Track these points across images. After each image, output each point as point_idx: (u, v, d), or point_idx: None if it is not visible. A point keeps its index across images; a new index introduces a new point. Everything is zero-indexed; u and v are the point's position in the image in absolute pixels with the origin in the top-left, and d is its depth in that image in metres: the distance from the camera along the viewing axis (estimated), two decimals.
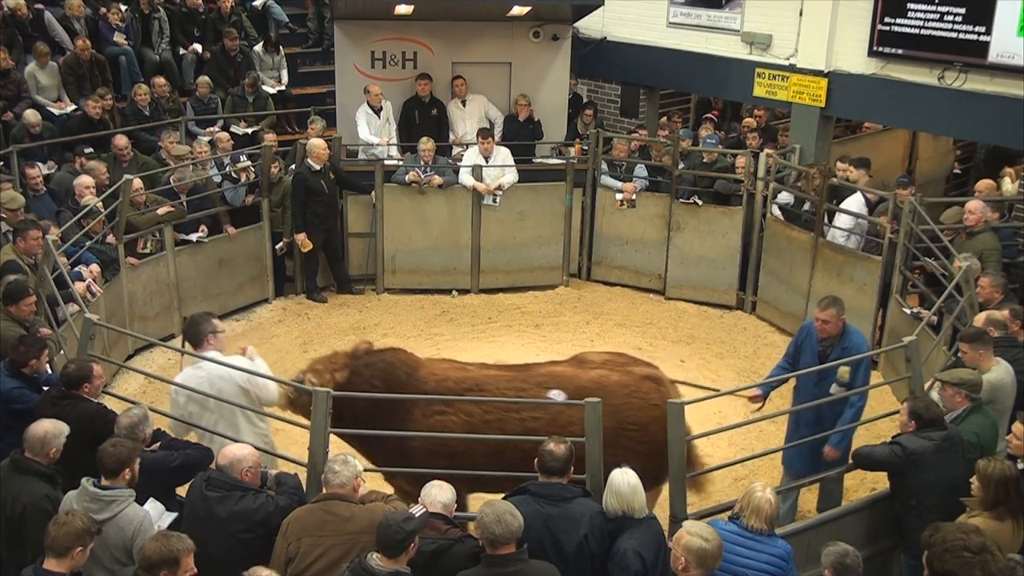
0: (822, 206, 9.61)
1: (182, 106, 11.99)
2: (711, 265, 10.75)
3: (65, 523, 4.26)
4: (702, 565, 4.33)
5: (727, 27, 11.60)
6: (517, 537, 4.35)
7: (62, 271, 7.59)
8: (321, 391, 5.29)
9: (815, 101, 10.76)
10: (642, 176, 11.11)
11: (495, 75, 11.78)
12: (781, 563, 4.63)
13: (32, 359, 5.96)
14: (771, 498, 4.70)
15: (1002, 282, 7.32)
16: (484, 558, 4.37)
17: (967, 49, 9.45)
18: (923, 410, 5.47)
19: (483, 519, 4.34)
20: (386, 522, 4.28)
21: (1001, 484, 4.84)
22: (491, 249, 11.02)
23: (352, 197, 10.76)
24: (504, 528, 4.30)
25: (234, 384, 5.79)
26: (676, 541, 4.40)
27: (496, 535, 4.30)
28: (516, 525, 4.34)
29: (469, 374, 6.19)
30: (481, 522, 4.35)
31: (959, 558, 4.09)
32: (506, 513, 4.34)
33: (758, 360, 9.67)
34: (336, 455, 4.90)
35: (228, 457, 4.92)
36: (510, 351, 9.63)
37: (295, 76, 13.49)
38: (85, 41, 11.36)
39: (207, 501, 4.80)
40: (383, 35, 11.41)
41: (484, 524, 4.33)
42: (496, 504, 4.44)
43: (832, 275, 9.58)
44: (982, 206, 8.49)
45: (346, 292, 10.92)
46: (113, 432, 5.21)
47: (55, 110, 10.95)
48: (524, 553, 4.38)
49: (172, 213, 9.62)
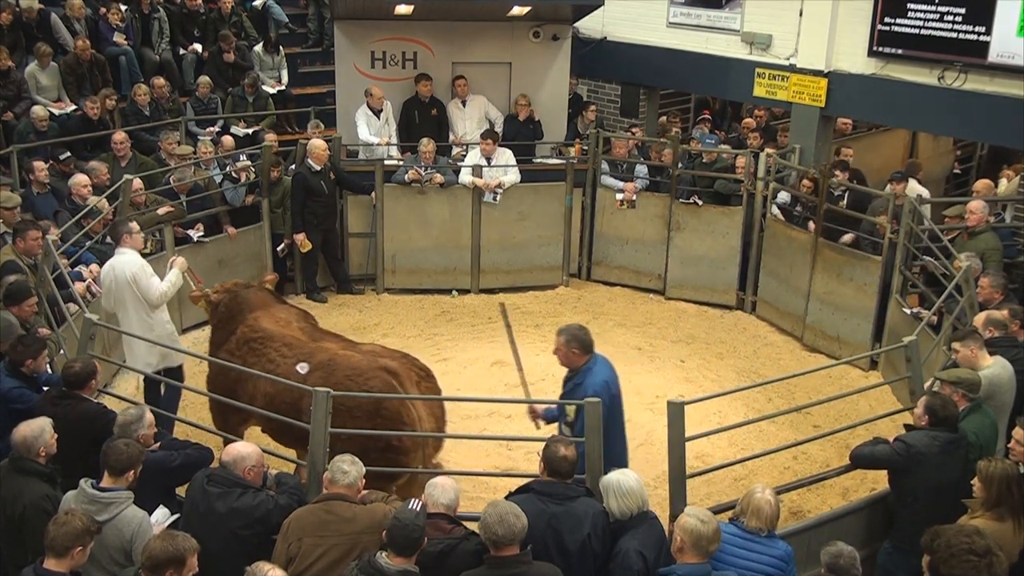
0: (821, 207, 9.60)
1: (182, 106, 12.00)
2: (711, 265, 10.75)
3: (65, 523, 4.26)
4: (697, 546, 4.36)
5: (727, 27, 11.60)
6: (520, 539, 4.31)
7: (62, 271, 7.59)
8: (321, 391, 5.31)
9: (815, 101, 10.75)
10: (642, 176, 11.12)
11: (495, 75, 11.78)
12: (782, 564, 4.64)
13: (30, 359, 5.96)
14: (771, 499, 4.71)
15: (1002, 282, 7.33)
16: (487, 559, 4.34)
17: (967, 49, 9.45)
18: (939, 407, 5.47)
19: (486, 519, 4.31)
20: (400, 522, 4.26)
21: (1003, 483, 4.85)
22: (491, 249, 11.02)
23: (352, 197, 10.76)
24: (507, 529, 4.26)
25: (124, 276, 7.26)
26: (676, 522, 4.48)
27: (498, 536, 4.26)
28: (519, 526, 4.29)
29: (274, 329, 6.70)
30: (484, 522, 4.31)
31: (966, 562, 4.08)
32: (509, 514, 4.30)
33: (758, 360, 9.67)
34: (342, 455, 4.88)
35: (232, 454, 4.93)
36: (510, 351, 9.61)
37: (295, 76, 13.50)
38: (85, 41, 11.37)
39: (207, 497, 4.81)
40: (383, 35, 11.41)
41: (486, 524, 4.29)
42: (499, 504, 4.39)
43: (832, 275, 9.59)
44: (983, 206, 8.50)
45: (346, 292, 10.93)
46: (113, 432, 5.21)
47: (55, 110, 10.95)
48: (528, 555, 4.35)
49: (172, 213, 9.62)
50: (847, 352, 9.29)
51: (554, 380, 8.97)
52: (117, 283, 7.30)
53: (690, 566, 4.39)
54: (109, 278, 7.36)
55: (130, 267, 7.28)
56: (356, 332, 10.01)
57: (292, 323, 6.86)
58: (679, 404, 5.28)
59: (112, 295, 7.36)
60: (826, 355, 9.59)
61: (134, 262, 7.33)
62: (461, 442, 7.84)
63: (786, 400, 8.69)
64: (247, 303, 6.98)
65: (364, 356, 6.36)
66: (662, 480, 6.17)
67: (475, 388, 8.89)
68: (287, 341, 6.57)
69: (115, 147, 10.19)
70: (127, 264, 7.29)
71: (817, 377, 8.87)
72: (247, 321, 6.82)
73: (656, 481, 6.91)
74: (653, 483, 6.95)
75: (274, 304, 7.13)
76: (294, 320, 6.94)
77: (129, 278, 7.26)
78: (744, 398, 8.70)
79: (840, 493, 7.16)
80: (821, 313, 9.72)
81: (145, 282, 7.29)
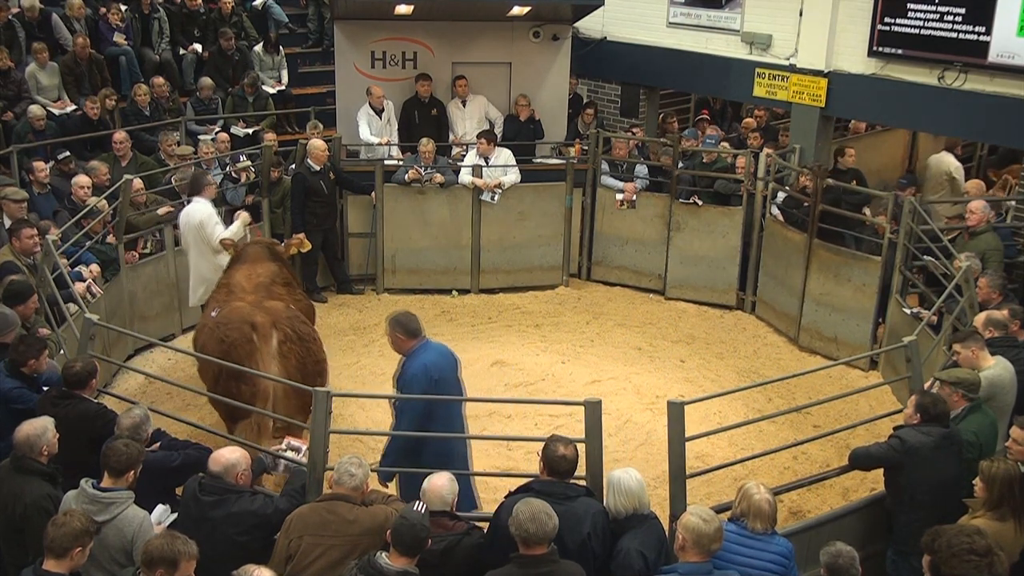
0: (816, 207, 9.59)
1: (182, 106, 12.00)
2: (711, 265, 10.74)
3: (63, 524, 4.26)
4: (699, 545, 4.37)
5: (727, 27, 11.60)
6: (551, 538, 4.31)
7: (62, 271, 7.59)
8: (321, 391, 5.30)
9: (815, 101, 10.75)
10: (643, 176, 11.12)
11: (495, 75, 11.78)
12: (784, 561, 4.65)
13: (31, 359, 5.96)
14: (769, 497, 4.74)
15: (1000, 283, 7.32)
16: (514, 557, 4.32)
17: (967, 49, 9.45)
18: (930, 405, 5.48)
19: (518, 516, 4.29)
20: (408, 521, 4.26)
21: (1005, 483, 4.86)
22: (491, 249, 11.02)
23: (352, 197, 10.76)
24: (539, 527, 4.26)
25: (193, 222, 8.43)
26: (679, 521, 4.49)
27: (530, 533, 4.25)
28: (552, 525, 4.30)
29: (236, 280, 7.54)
30: (516, 519, 4.29)
31: (967, 562, 4.08)
32: (541, 512, 4.30)
33: (758, 360, 9.67)
34: (350, 457, 4.87)
35: (222, 463, 4.89)
36: (510, 351, 9.63)
37: (295, 76, 13.50)
38: (85, 39, 11.37)
39: (201, 506, 4.79)
40: (383, 35, 11.41)
41: (518, 521, 4.28)
42: (533, 502, 4.37)
43: (829, 276, 9.57)
44: (983, 205, 8.50)
45: (346, 292, 10.93)
46: (113, 432, 5.21)
47: (55, 110, 10.95)
48: (555, 553, 4.35)
49: (172, 213, 9.62)
50: (845, 353, 9.28)
51: (554, 380, 9.05)
52: (188, 227, 8.53)
53: (692, 565, 4.40)
54: (183, 222, 8.61)
55: (199, 214, 8.45)
56: (356, 332, 10.04)
57: (257, 279, 7.54)
58: (679, 404, 5.28)
59: (184, 237, 8.69)
60: (823, 356, 9.59)
61: (203, 210, 8.47)
62: None
63: (786, 400, 8.69)
64: (242, 255, 7.89)
65: (247, 308, 6.99)
66: (662, 480, 6.18)
67: (475, 388, 8.86)
68: (232, 290, 7.43)
69: (116, 147, 10.20)
70: (197, 211, 8.46)
71: (817, 377, 8.87)
72: (230, 269, 7.84)
73: (656, 481, 6.90)
74: (653, 483, 6.94)
75: (263, 261, 7.78)
76: (264, 277, 7.59)
77: (196, 224, 8.43)
78: (744, 398, 8.70)
79: (840, 493, 7.16)
80: (817, 314, 9.71)
81: (210, 228, 8.42)
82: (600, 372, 9.24)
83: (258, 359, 6.68)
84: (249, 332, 6.75)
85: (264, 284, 7.50)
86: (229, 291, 7.43)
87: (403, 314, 6.01)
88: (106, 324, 7.04)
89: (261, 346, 6.74)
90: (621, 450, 7.85)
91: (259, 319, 6.85)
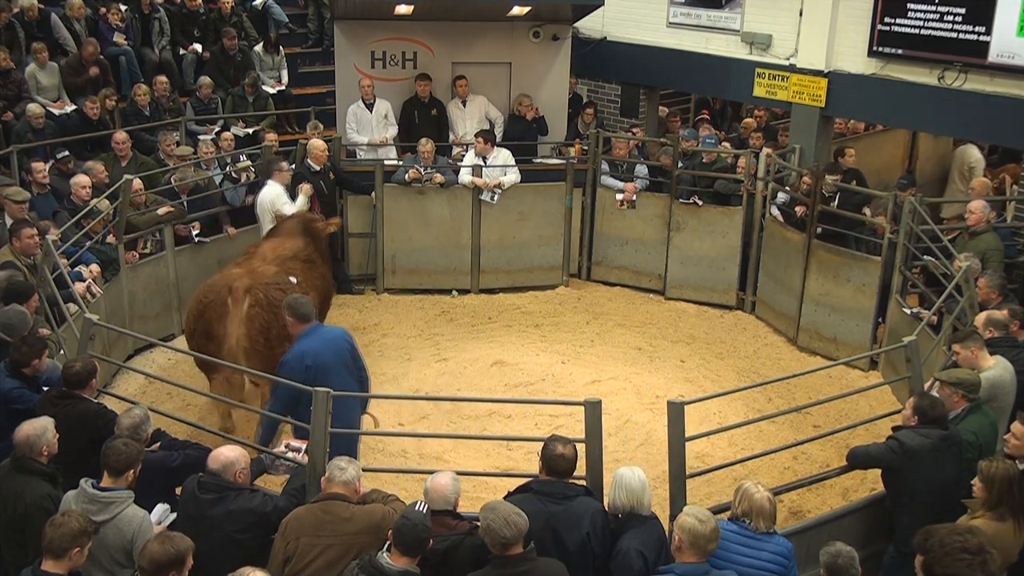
0: (815, 208, 9.58)
1: (182, 106, 11.99)
2: (711, 265, 10.74)
3: (62, 524, 4.26)
4: (695, 545, 4.38)
5: (727, 27, 11.60)
6: (524, 536, 4.33)
7: (62, 271, 7.58)
8: (321, 391, 5.30)
9: (815, 101, 10.75)
10: (643, 176, 11.11)
11: (495, 75, 11.78)
12: (784, 560, 4.65)
13: (35, 359, 5.95)
14: (769, 496, 4.75)
15: (999, 283, 7.31)
16: (492, 559, 4.34)
17: (967, 49, 9.45)
18: (928, 408, 5.48)
19: (490, 525, 4.29)
20: (410, 522, 4.26)
21: (1004, 483, 4.86)
22: (491, 249, 11.02)
23: (352, 197, 10.76)
24: (514, 530, 4.27)
25: (265, 202, 9.52)
26: (675, 522, 4.51)
27: (507, 538, 4.27)
28: (523, 523, 4.32)
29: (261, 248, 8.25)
30: (489, 528, 4.29)
31: (960, 560, 4.09)
32: (512, 514, 4.32)
33: (758, 360, 9.67)
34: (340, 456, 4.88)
35: (220, 461, 4.90)
36: (510, 351, 9.64)
37: (295, 76, 13.49)
38: (96, 47, 11.34)
39: (200, 504, 4.79)
40: (383, 35, 11.41)
41: (492, 530, 4.28)
42: (499, 507, 4.39)
43: (828, 276, 9.57)
44: (983, 205, 8.49)
45: (346, 292, 10.91)
46: (113, 432, 5.21)
47: (55, 110, 10.94)
48: (533, 552, 4.36)
49: (172, 213, 9.63)
50: (845, 353, 9.28)
51: (554, 380, 9.05)
52: (263, 207, 9.52)
53: (688, 565, 4.40)
54: (259, 203, 9.62)
55: (271, 194, 9.50)
56: (356, 332, 9.95)
57: (282, 250, 8.20)
58: (679, 404, 5.28)
59: (261, 218, 9.58)
60: (823, 356, 9.59)
61: (274, 190, 9.52)
62: (461, 442, 7.85)
63: (786, 400, 8.69)
64: (280, 227, 8.84)
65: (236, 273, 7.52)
66: (662, 480, 6.17)
67: (475, 388, 8.90)
68: (249, 256, 8.10)
69: (116, 147, 10.19)
70: (269, 192, 9.53)
71: (817, 377, 8.87)
72: (265, 238, 8.82)
73: (656, 481, 6.88)
74: (653, 483, 6.87)
75: (294, 236, 8.54)
76: (288, 251, 8.23)
77: (268, 203, 9.44)
78: (744, 398, 8.70)
79: (840, 493, 7.17)
80: (817, 314, 9.71)
81: (279, 205, 9.42)
82: (600, 372, 9.24)
83: (227, 322, 7.22)
84: (225, 295, 7.28)
85: (285, 257, 8.10)
86: (250, 256, 8.10)
87: (295, 298, 6.44)
88: (106, 324, 7.03)
89: (232, 309, 7.25)
90: (621, 450, 7.85)
91: (237, 284, 7.34)
